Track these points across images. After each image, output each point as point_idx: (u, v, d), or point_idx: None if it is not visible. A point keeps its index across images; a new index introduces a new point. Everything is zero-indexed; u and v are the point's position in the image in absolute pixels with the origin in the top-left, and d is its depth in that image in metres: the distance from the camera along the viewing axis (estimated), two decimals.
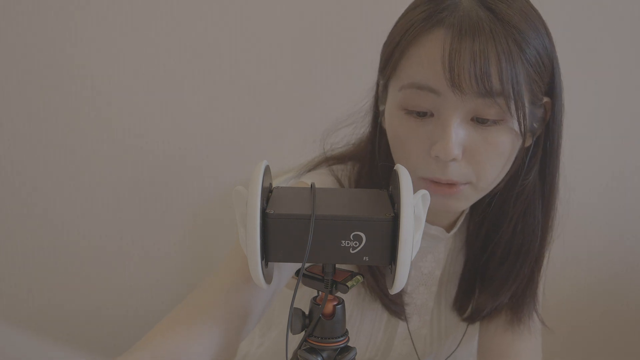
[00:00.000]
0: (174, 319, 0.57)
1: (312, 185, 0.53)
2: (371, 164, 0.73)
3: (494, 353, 0.76)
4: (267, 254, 0.49)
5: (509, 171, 0.68)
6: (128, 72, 1.21)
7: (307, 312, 0.55)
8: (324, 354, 0.54)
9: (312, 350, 0.54)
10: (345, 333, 0.55)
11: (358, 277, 0.54)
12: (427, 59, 0.60)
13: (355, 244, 0.48)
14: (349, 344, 0.56)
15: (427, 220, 0.68)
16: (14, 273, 1.33)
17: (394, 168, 0.53)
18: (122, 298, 1.32)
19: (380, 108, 0.71)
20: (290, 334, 0.53)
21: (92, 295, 1.33)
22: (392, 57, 0.65)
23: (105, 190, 1.27)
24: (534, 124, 0.67)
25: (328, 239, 0.48)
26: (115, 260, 1.31)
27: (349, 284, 0.53)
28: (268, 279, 0.52)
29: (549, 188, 0.72)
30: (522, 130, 0.61)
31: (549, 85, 0.66)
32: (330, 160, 0.78)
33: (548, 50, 0.65)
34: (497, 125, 0.61)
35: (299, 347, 0.54)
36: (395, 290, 0.49)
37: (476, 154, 0.62)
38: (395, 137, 0.66)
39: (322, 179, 0.74)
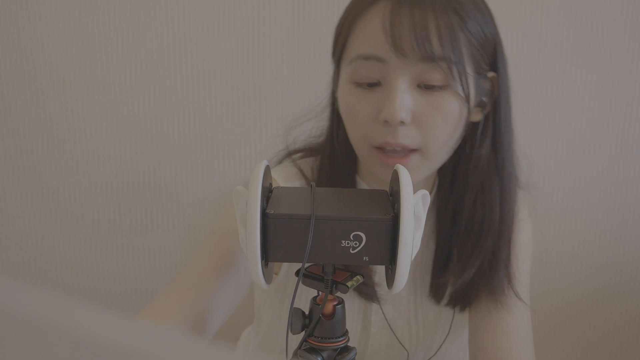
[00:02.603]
0: (144, 316, 0.58)
1: (312, 186, 0.53)
2: (332, 153, 0.76)
3: (481, 341, 0.74)
4: (267, 254, 0.49)
5: (461, 144, 0.70)
6: (128, 72, 1.21)
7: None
8: (324, 354, 0.54)
9: (312, 350, 0.54)
10: (345, 333, 0.55)
11: (358, 277, 0.54)
12: (370, 30, 0.63)
13: (355, 244, 0.48)
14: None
15: None
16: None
17: (394, 168, 0.53)
18: (121, 301, 1.32)
19: (336, 94, 0.73)
20: (286, 334, 0.53)
21: (92, 299, 1.33)
22: (340, 37, 0.69)
23: (103, 195, 1.27)
24: (483, 98, 0.69)
25: (328, 239, 0.48)
26: (115, 263, 1.31)
27: (349, 284, 0.53)
28: (268, 278, 0.52)
29: (502, 162, 0.73)
30: (466, 94, 0.64)
31: (492, 58, 0.69)
32: (293, 154, 0.80)
33: (491, 30, 0.68)
34: (443, 91, 0.64)
35: (299, 347, 0.54)
36: (395, 290, 0.49)
37: (424, 119, 0.64)
38: (347, 110, 0.68)
39: (286, 172, 0.77)
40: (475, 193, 0.73)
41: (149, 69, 1.20)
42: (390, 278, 0.50)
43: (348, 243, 0.48)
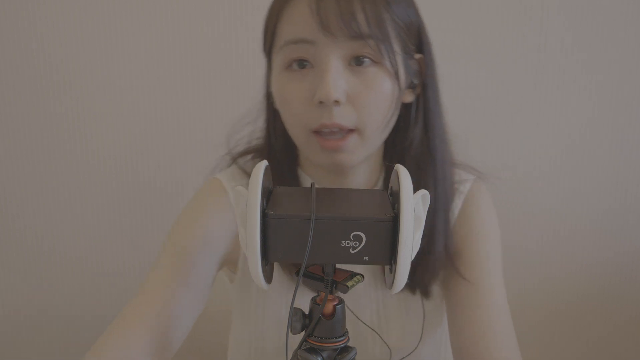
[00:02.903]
0: (115, 328, 0.64)
1: (312, 186, 0.53)
2: (270, 148, 0.77)
3: (461, 340, 0.73)
4: (267, 254, 0.49)
5: (396, 126, 0.71)
6: (128, 72, 1.21)
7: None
8: (324, 354, 0.54)
9: (312, 350, 0.54)
10: (345, 333, 0.55)
11: (358, 277, 0.54)
12: (297, 16, 0.65)
13: (355, 244, 0.48)
14: (349, 343, 0.56)
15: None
16: (8, 282, 1.33)
17: (394, 168, 0.53)
18: (121, 301, 1.32)
19: (270, 89, 0.74)
20: (286, 334, 0.53)
21: (92, 303, 1.33)
22: (268, 28, 0.70)
23: (103, 195, 1.27)
24: (413, 80, 0.71)
25: (328, 239, 0.48)
26: (115, 263, 1.31)
27: (349, 284, 0.53)
28: (268, 278, 0.52)
29: (433, 143, 0.74)
30: (395, 71, 0.66)
31: (418, 39, 0.71)
32: (237, 157, 0.81)
33: (415, 14, 0.69)
34: (374, 68, 0.65)
35: (299, 347, 0.55)
36: (395, 290, 0.49)
37: (358, 98, 0.65)
38: (281, 98, 0.69)
39: (231, 172, 0.79)
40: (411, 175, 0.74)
41: (149, 69, 1.20)
42: (390, 278, 0.50)
43: (348, 243, 0.48)
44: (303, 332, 0.54)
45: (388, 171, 0.77)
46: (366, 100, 0.65)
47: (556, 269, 1.36)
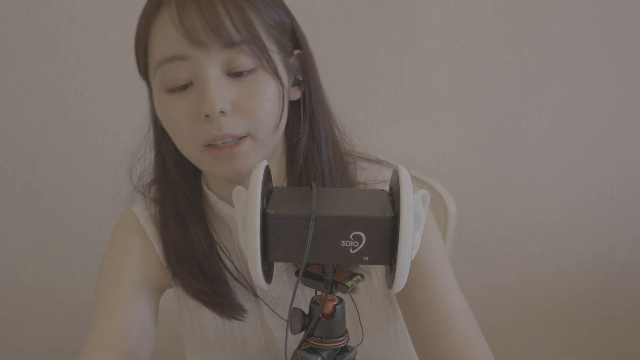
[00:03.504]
0: (87, 354, 0.67)
1: (312, 185, 0.53)
2: (165, 170, 0.75)
3: (424, 345, 0.72)
4: (267, 254, 0.49)
5: (287, 123, 0.70)
6: (128, 72, 1.21)
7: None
8: (324, 354, 0.54)
9: (312, 350, 0.54)
10: (345, 333, 0.55)
11: (358, 277, 0.54)
12: (164, 33, 0.63)
13: (355, 243, 0.48)
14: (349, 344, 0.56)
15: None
16: (9, 281, 1.33)
17: (394, 168, 0.52)
18: None
19: (156, 112, 0.72)
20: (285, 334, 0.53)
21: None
22: (139, 51, 0.68)
23: (103, 195, 1.27)
24: (297, 77, 0.70)
25: (328, 238, 0.48)
26: None
27: (349, 284, 0.53)
28: (268, 278, 0.52)
29: (319, 141, 0.73)
30: (274, 70, 0.65)
31: (293, 36, 0.70)
32: (147, 191, 0.80)
33: (283, 12, 0.68)
34: (255, 74, 0.64)
35: (299, 347, 0.55)
36: (395, 290, 0.49)
37: (245, 105, 0.64)
38: (167, 120, 0.67)
39: (144, 204, 0.79)
40: (300, 172, 0.73)
41: None
42: (390, 278, 0.50)
43: (348, 243, 0.48)
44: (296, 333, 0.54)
45: (291, 177, 0.75)
46: (252, 106, 0.64)
47: (555, 267, 1.36)
